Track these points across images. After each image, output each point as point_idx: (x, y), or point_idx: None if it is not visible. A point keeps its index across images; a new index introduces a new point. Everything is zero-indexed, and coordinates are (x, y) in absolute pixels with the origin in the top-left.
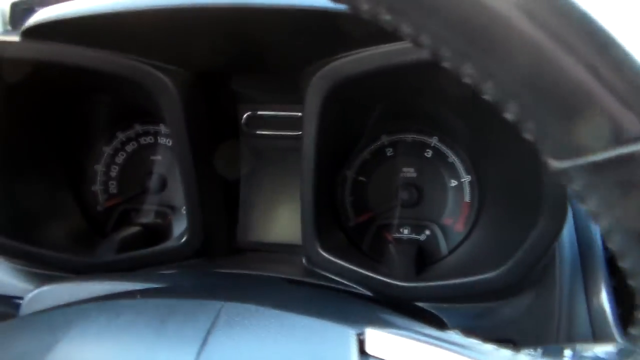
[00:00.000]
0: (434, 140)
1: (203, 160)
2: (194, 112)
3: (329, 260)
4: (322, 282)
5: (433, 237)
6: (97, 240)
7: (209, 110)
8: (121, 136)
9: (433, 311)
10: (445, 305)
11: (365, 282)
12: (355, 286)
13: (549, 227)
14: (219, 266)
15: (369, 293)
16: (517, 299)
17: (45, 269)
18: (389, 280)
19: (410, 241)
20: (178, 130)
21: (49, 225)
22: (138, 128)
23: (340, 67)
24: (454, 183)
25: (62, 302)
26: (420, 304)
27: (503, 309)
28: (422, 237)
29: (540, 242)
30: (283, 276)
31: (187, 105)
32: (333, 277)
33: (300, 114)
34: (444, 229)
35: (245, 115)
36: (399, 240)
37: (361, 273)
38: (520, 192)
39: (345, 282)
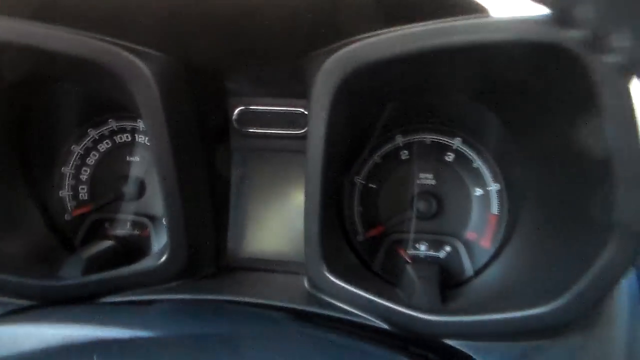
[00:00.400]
0: (456, 142)
1: (186, 163)
2: (175, 105)
3: (336, 285)
4: (331, 314)
5: (455, 254)
6: (63, 256)
7: (194, 103)
8: (93, 134)
9: (465, 351)
10: (478, 343)
11: (382, 313)
12: (368, 317)
13: (622, 254)
14: (206, 290)
15: (385, 326)
16: (568, 337)
17: None
18: (411, 313)
19: (428, 259)
20: (156, 127)
21: (3, 239)
22: (113, 124)
23: (355, 52)
24: (478, 192)
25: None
26: (449, 341)
27: (551, 349)
28: (441, 255)
29: (608, 271)
30: (283, 305)
31: (167, 96)
32: (342, 305)
33: (301, 109)
34: (467, 245)
35: (237, 111)
36: (414, 258)
37: (376, 302)
38: (573, 206)
39: (357, 311)
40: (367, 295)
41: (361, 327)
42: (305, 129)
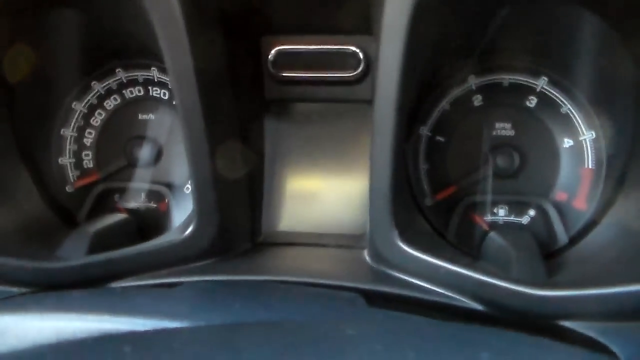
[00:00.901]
0: (541, 83)
1: (216, 115)
2: (203, 39)
3: (412, 256)
4: (410, 293)
5: (542, 218)
6: (63, 233)
7: (224, 39)
8: (98, 87)
9: (591, 335)
10: (602, 324)
11: (473, 289)
12: (455, 295)
13: None
14: (243, 269)
15: (477, 306)
16: None
17: None
18: (515, 288)
19: (510, 226)
20: (180, 64)
21: None
22: (121, 75)
23: None
24: (568, 143)
25: None
26: (566, 324)
27: None
28: (524, 220)
29: None
30: (345, 284)
31: (193, 25)
32: (417, 281)
33: (353, 47)
34: (558, 208)
35: (272, 52)
36: (492, 225)
37: (466, 276)
38: None
39: (438, 289)
40: (454, 268)
41: (451, 310)
42: (359, 69)
